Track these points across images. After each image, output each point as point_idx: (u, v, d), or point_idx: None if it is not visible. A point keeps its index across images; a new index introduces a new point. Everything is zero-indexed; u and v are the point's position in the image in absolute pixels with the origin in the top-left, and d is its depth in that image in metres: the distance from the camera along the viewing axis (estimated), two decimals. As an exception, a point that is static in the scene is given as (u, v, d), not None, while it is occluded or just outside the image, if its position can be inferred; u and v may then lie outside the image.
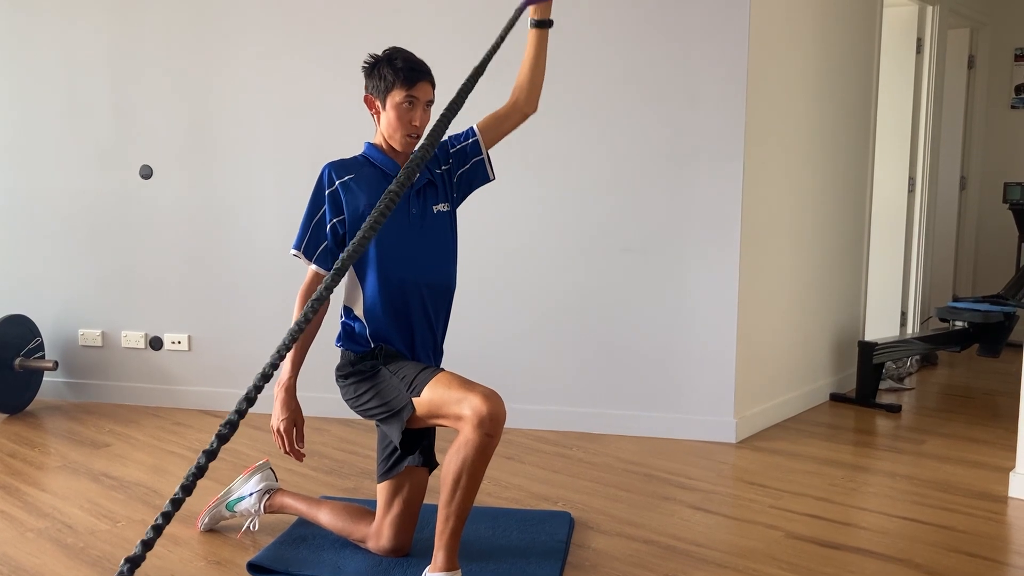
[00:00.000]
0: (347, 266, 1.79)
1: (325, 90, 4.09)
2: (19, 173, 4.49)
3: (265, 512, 2.81)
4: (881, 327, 5.34)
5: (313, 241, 2.48)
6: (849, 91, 4.66)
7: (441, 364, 2.59)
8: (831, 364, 4.70)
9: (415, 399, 2.33)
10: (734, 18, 3.72)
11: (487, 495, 3.13)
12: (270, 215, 4.21)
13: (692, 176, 3.84)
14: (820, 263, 4.54)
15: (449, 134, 2.50)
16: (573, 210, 3.95)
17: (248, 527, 2.79)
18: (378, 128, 2.52)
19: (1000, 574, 2.61)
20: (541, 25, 2.57)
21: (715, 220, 3.82)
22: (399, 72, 2.42)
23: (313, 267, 2.49)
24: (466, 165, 2.58)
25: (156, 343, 4.42)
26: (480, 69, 2.12)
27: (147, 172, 4.33)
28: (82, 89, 4.37)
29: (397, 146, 2.49)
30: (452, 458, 2.25)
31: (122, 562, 1.55)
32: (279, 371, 2.51)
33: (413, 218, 2.48)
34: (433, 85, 2.49)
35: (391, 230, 2.45)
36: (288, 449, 2.49)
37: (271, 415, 2.50)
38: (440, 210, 2.53)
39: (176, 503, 1.57)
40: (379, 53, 2.48)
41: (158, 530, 1.57)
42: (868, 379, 4.50)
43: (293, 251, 2.50)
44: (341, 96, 3.43)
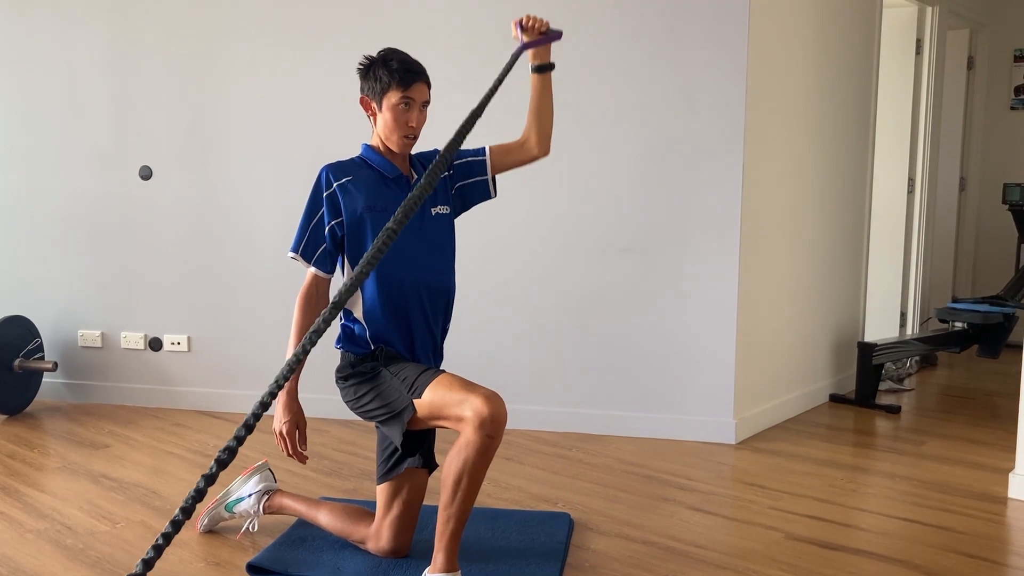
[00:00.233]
0: (344, 301, 1.81)
1: (324, 91, 4.08)
2: (19, 174, 4.49)
3: (264, 513, 2.81)
4: (880, 328, 5.34)
5: (311, 243, 2.48)
6: (849, 92, 4.66)
7: (441, 366, 2.59)
8: (831, 365, 4.70)
9: (416, 401, 2.33)
10: (734, 20, 3.72)
11: (487, 496, 3.13)
12: (269, 216, 4.21)
13: (692, 177, 3.84)
14: (820, 264, 4.54)
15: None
16: (573, 211, 3.95)
17: (247, 528, 2.79)
18: (375, 130, 2.52)
19: (999, 575, 2.62)
20: (541, 70, 2.57)
21: (715, 221, 3.82)
22: (394, 73, 2.42)
23: (312, 269, 2.49)
24: (468, 179, 2.59)
25: (155, 344, 4.42)
26: (478, 112, 2.14)
27: (147, 173, 4.33)
28: (82, 90, 4.37)
29: (394, 147, 2.49)
30: (453, 460, 2.25)
31: None
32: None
33: (412, 220, 2.48)
34: (429, 86, 2.49)
35: (391, 232, 2.45)
36: (291, 452, 2.49)
37: (273, 418, 2.50)
38: (439, 212, 2.53)
39: (176, 524, 1.57)
40: (374, 55, 2.48)
41: (159, 550, 1.58)
42: (868, 380, 4.50)
43: (291, 254, 2.50)
44: (340, 97, 3.42)
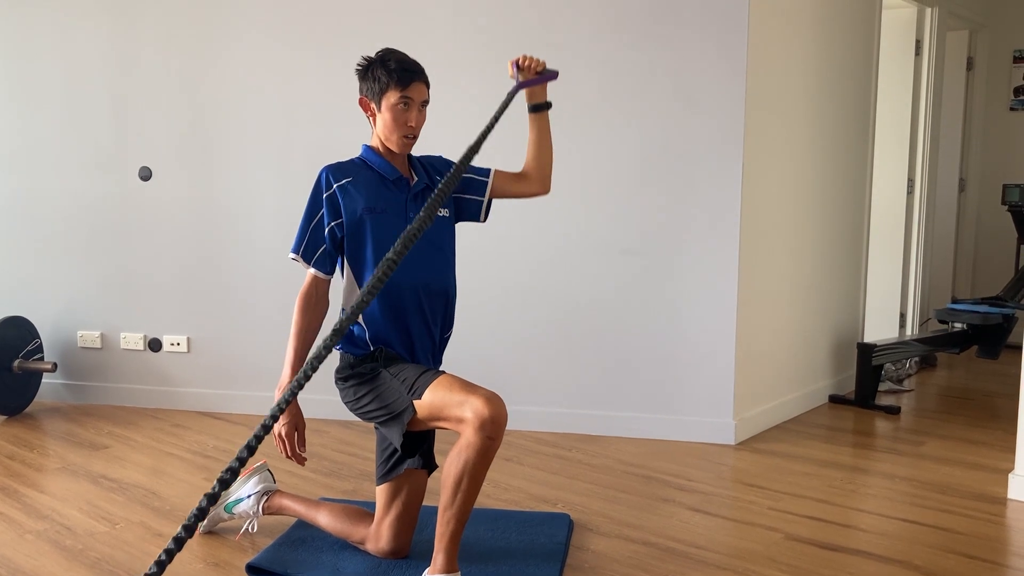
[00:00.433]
0: (345, 328, 1.81)
1: (324, 92, 4.09)
2: (18, 174, 4.49)
3: (264, 514, 2.81)
4: (880, 329, 5.34)
5: (311, 245, 2.48)
6: (848, 93, 4.67)
7: (441, 367, 2.59)
8: (830, 366, 4.70)
9: (416, 402, 2.32)
10: (733, 21, 3.72)
11: (486, 497, 3.13)
12: (269, 217, 4.21)
13: (691, 178, 3.84)
14: (819, 265, 4.54)
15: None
16: (572, 212, 3.94)
17: (247, 529, 2.79)
18: (374, 131, 2.52)
19: (999, 576, 2.62)
20: (538, 109, 2.60)
21: (714, 222, 3.82)
22: (392, 73, 2.42)
23: (312, 271, 2.49)
24: (463, 195, 2.60)
25: (155, 345, 4.41)
26: (475, 148, 2.16)
27: (146, 174, 4.33)
28: (81, 91, 4.37)
29: (394, 147, 2.49)
30: (453, 461, 2.24)
31: None
32: (280, 373, 2.53)
33: (411, 222, 2.48)
34: (427, 85, 2.49)
35: (389, 233, 2.44)
36: (290, 453, 2.48)
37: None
38: (440, 215, 2.53)
39: (179, 541, 1.57)
40: (372, 55, 2.48)
41: (161, 566, 1.57)
42: (867, 381, 4.50)
43: (291, 255, 2.50)
44: (340, 98, 3.43)
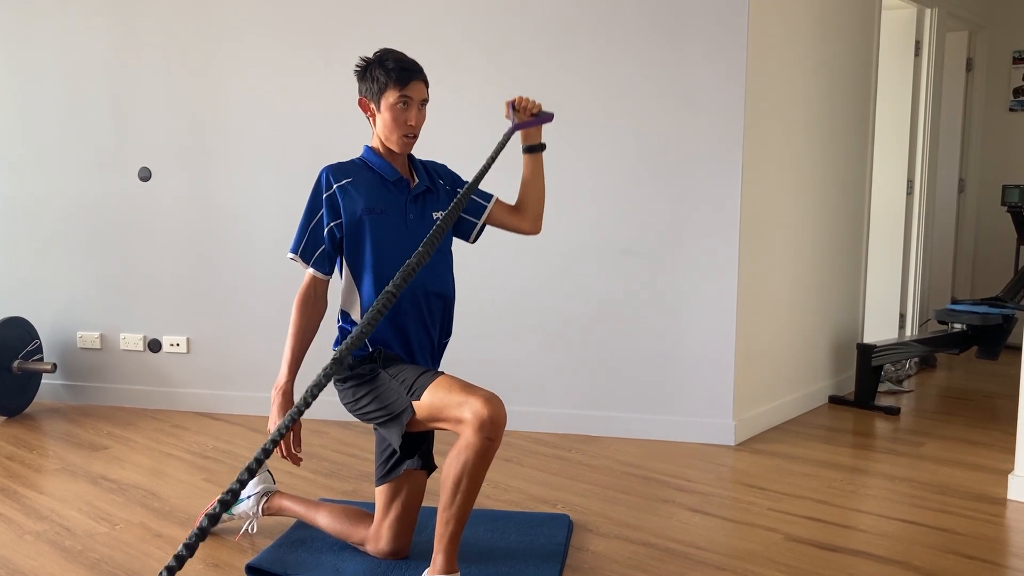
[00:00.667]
0: (343, 358, 1.83)
1: (324, 92, 4.09)
2: (18, 175, 4.49)
3: (263, 514, 2.81)
4: (880, 329, 5.34)
5: (310, 245, 2.48)
6: (848, 94, 4.67)
7: (439, 368, 2.59)
8: (830, 366, 4.70)
9: (415, 403, 2.32)
10: (733, 23, 3.72)
11: (486, 497, 3.13)
12: (269, 217, 4.21)
13: (691, 179, 3.84)
14: (819, 265, 4.54)
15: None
16: (572, 214, 3.94)
17: (246, 529, 2.79)
18: (375, 131, 2.52)
19: (999, 577, 2.62)
20: (532, 150, 2.61)
21: (714, 222, 3.82)
22: (391, 73, 2.42)
23: (310, 271, 2.49)
24: (462, 212, 2.60)
25: (155, 345, 4.41)
26: (472, 186, 2.24)
27: (146, 174, 4.33)
28: (81, 92, 4.37)
29: (394, 147, 2.49)
30: (452, 462, 2.24)
31: None
32: (278, 375, 2.52)
33: (411, 223, 2.48)
34: (427, 84, 2.49)
35: (388, 234, 2.45)
36: (285, 453, 2.48)
37: (268, 418, 2.50)
38: (440, 217, 2.53)
39: (180, 560, 1.57)
40: (370, 56, 2.49)
41: None
42: (867, 381, 4.50)
43: (290, 255, 2.50)
44: (340, 98, 3.43)
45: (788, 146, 4.17)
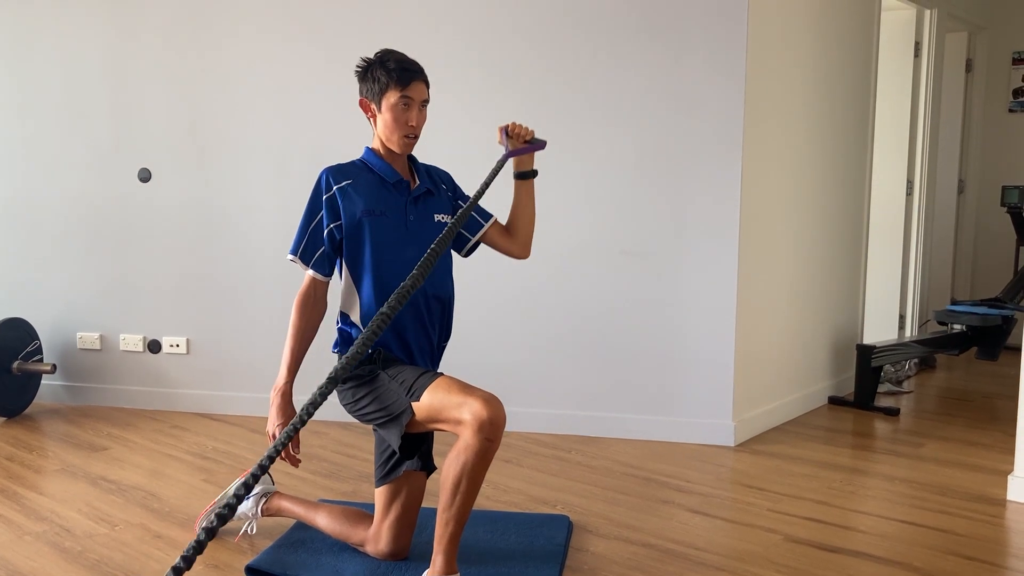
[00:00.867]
0: (341, 377, 1.83)
1: (324, 93, 4.09)
2: (18, 176, 4.49)
3: (263, 515, 2.81)
4: (879, 330, 5.34)
5: (310, 247, 2.48)
6: (847, 95, 4.67)
7: (439, 369, 2.59)
8: (829, 367, 4.70)
9: (414, 403, 2.32)
10: (733, 24, 3.72)
11: (486, 498, 3.13)
12: (268, 218, 4.21)
13: (691, 180, 3.84)
14: (818, 266, 4.54)
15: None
16: (571, 213, 3.95)
17: (246, 530, 2.79)
18: (375, 132, 2.52)
19: (998, 578, 2.62)
20: (524, 176, 2.62)
21: (714, 223, 3.82)
22: (392, 73, 2.43)
23: (310, 272, 2.49)
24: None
25: (154, 346, 4.41)
26: (466, 212, 2.26)
27: (145, 175, 4.33)
28: (80, 93, 4.37)
29: (395, 148, 2.49)
30: (452, 463, 2.24)
31: None
32: (277, 376, 2.52)
33: (411, 225, 2.48)
34: (427, 84, 2.49)
35: (388, 236, 2.45)
36: (284, 455, 2.48)
37: (267, 419, 2.50)
38: (441, 220, 2.53)
39: (177, 572, 1.57)
40: (371, 56, 2.49)
41: None
42: (866, 382, 4.50)
43: (290, 256, 2.50)
44: (340, 99, 3.43)
45: (788, 147, 4.17)
